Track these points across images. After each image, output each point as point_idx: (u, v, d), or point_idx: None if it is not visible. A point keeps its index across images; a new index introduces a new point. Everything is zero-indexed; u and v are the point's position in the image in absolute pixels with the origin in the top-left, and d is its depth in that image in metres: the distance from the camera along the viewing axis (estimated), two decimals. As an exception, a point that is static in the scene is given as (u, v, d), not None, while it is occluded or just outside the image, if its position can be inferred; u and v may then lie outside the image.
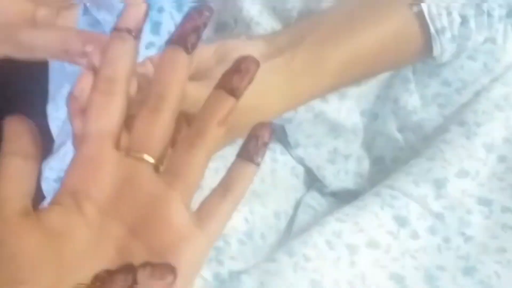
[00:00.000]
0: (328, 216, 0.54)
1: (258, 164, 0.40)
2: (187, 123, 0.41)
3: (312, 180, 0.64)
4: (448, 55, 0.56)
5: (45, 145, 0.70)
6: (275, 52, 0.53)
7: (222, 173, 0.41)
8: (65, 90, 0.71)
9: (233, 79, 0.40)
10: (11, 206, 0.36)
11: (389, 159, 0.63)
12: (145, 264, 0.35)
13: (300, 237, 0.53)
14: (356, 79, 0.58)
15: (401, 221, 0.54)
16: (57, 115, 0.73)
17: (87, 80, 0.42)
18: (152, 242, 0.37)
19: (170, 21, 0.55)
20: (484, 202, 0.55)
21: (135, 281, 0.35)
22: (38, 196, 0.63)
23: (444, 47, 0.55)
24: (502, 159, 0.56)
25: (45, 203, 0.66)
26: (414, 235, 0.54)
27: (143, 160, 0.39)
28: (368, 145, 0.65)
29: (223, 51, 0.52)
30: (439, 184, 0.55)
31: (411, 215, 0.54)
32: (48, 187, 0.69)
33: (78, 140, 0.40)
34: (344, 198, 0.62)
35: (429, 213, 0.54)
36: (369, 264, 0.52)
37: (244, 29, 0.56)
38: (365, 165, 0.64)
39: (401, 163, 0.59)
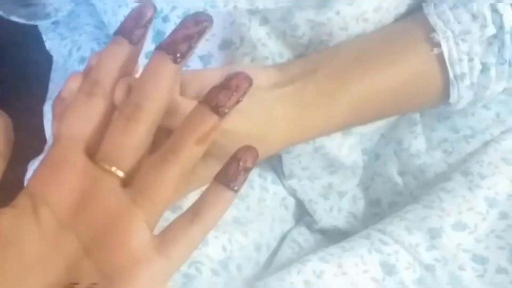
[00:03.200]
0: (311, 254, 0.51)
1: (235, 191, 0.37)
2: None
3: (302, 214, 0.62)
4: (464, 103, 0.53)
5: (35, 145, 0.68)
6: (287, 81, 0.50)
7: None
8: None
9: (220, 96, 0.37)
10: None
11: (385, 203, 0.60)
12: (91, 287, 0.33)
13: (278, 273, 0.50)
14: (369, 119, 0.55)
15: (388, 269, 0.51)
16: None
17: (77, 82, 0.40)
18: (106, 262, 0.34)
19: None
20: (479, 259, 0.51)
21: None
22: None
23: (461, 94, 0.52)
24: (503, 215, 0.53)
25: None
26: (401, 286, 0.50)
27: (110, 172, 0.36)
28: (365, 185, 0.62)
29: None
30: (433, 234, 0.52)
31: (399, 263, 0.51)
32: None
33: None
34: (333, 237, 0.60)
35: (419, 264, 0.51)
36: None
37: (250, 49, 0.53)
38: (360, 205, 0.62)
39: (398, 208, 0.56)
